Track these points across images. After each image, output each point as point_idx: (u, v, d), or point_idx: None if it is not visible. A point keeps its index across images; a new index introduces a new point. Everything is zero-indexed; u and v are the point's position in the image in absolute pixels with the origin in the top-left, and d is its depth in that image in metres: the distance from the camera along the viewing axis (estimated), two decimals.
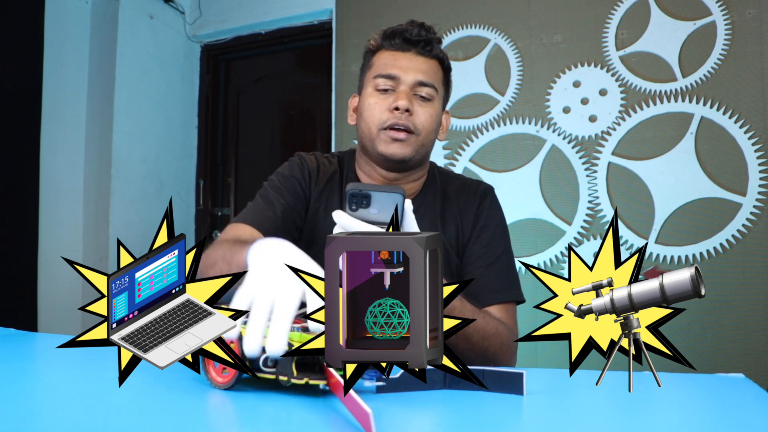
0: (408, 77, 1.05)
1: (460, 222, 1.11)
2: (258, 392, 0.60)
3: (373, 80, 1.07)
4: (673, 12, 2.27)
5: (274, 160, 2.99)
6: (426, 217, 1.10)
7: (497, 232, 1.11)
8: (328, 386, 0.57)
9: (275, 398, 0.58)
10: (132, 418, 0.52)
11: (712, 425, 0.54)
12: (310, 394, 0.58)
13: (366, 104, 1.07)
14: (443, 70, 1.11)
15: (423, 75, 1.06)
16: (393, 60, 1.07)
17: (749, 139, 2.13)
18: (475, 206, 1.12)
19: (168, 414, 0.54)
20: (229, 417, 0.55)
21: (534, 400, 0.61)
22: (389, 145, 1.04)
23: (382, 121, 1.04)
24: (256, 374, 0.58)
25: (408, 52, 1.07)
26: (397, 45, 1.07)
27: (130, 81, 2.88)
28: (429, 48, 1.07)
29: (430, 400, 0.61)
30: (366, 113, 1.07)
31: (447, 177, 1.17)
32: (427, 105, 1.06)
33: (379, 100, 1.06)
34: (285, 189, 1.09)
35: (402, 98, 1.03)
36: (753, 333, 2.07)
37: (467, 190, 1.14)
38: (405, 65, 1.06)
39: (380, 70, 1.07)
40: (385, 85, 1.05)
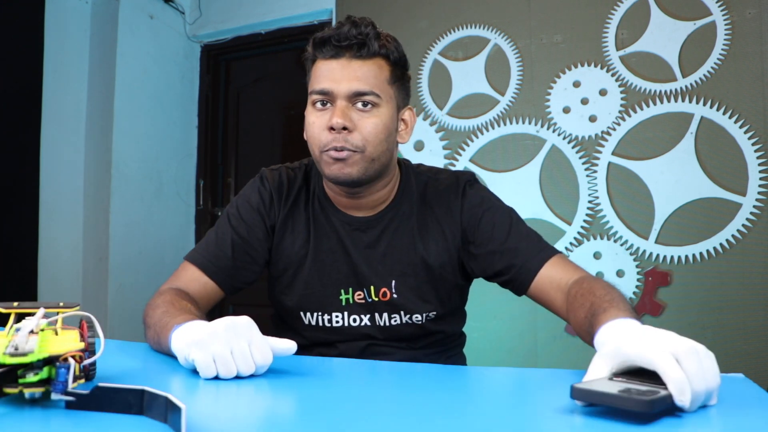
0: (342, 89, 0.94)
1: (446, 227, 1.04)
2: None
3: (311, 96, 0.98)
4: (673, 12, 2.27)
5: (274, 160, 2.99)
6: (401, 229, 1.03)
7: (496, 209, 1.04)
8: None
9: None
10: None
11: (711, 425, 0.54)
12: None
13: (307, 123, 0.99)
14: (391, 65, 0.98)
15: (359, 83, 0.94)
16: (327, 71, 0.96)
17: (749, 139, 2.13)
18: (458, 204, 1.04)
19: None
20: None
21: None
22: (333, 167, 0.95)
23: (321, 143, 0.95)
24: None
25: (342, 58, 0.95)
26: (329, 52, 0.96)
27: (130, 81, 2.88)
28: (365, 49, 0.95)
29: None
30: (308, 134, 0.99)
31: (425, 178, 1.08)
32: (370, 114, 0.96)
33: (317, 118, 0.97)
34: (243, 220, 1.04)
35: (336, 115, 0.93)
36: (753, 333, 2.07)
37: (447, 189, 1.06)
38: (338, 76, 0.95)
39: (314, 85, 0.97)
40: (321, 100, 0.96)
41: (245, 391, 0.68)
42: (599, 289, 0.82)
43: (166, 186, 3.13)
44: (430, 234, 1.04)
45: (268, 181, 1.07)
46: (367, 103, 0.95)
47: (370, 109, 0.96)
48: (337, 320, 1.04)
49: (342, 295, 1.04)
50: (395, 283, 1.03)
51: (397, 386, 0.70)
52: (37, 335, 0.55)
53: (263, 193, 1.06)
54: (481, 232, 1.02)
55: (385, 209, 1.05)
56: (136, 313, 3.31)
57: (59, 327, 0.60)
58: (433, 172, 1.10)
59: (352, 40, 0.94)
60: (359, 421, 0.55)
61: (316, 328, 1.05)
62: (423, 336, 1.07)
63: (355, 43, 0.94)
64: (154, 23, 3.06)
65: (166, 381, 0.70)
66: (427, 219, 1.05)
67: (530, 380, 0.74)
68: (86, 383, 0.60)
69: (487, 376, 0.80)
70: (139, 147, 2.96)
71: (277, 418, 0.57)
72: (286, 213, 1.05)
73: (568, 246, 2.35)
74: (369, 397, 0.64)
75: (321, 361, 0.83)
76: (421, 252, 1.03)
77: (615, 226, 2.30)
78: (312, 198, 1.07)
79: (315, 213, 1.06)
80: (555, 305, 0.95)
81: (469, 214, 1.03)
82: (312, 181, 1.08)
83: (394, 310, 1.03)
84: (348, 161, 0.95)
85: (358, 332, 1.04)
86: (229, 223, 1.04)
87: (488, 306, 2.12)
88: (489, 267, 1.02)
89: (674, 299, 2.19)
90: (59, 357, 0.53)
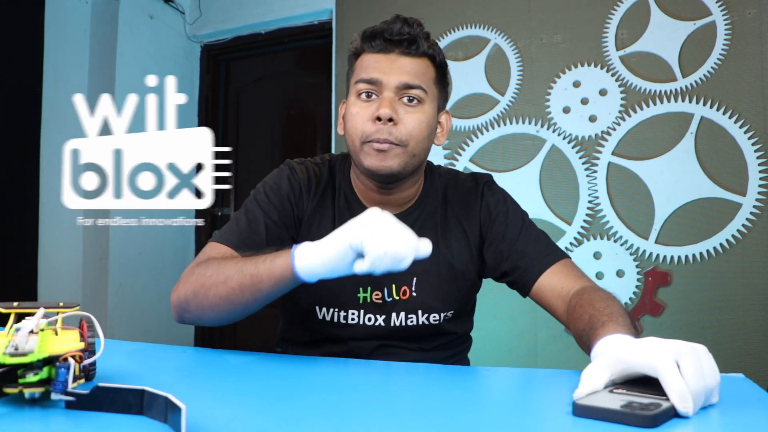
0: (391, 80, 0.95)
1: (467, 227, 1.05)
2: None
3: (356, 86, 0.98)
4: (673, 12, 2.27)
5: (274, 160, 2.99)
6: (426, 227, 1.04)
7: (510, 211, 1.05)
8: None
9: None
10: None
11: (711, 425, 0.54)
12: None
13: (349, 114, 0.98)
14: (435, 67, 1.00)
15: (408, 76, 0.96)
16: (375, 63, 0.97)
17: (749, 139, 2.13)
18: (478, 205, 1.06)
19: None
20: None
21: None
22: (373, 159, 0.95)
23: (365, 133, 0.95)
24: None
25: (391, 53, 0.97)
26: (379, 46, 0.97)
27: (130, 81, 2.88)
28: (414, 46, 0.97)
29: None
30: (349, 124, 0.98)
31: (446, 179, 1.10)
32: (416, 110, 0.96)
33: (362, 108, 0.96)
34: (273, 205, 1.02)
35: (384, 105, 0.94)
36: (753, 333, 2.07)
37: (468, 190, 1.08)
38: (387, 68, 0.96)
39: (361, 74, 0.97)
40: (367, 91, 0.96)
41: (245, 391, 0.68)
42: (599, 301, 0.82)
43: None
44: (452, 233, 1.05)
45: (297, 173, 1.06)
46: (413, 98, 0.96)
47: (415, 105, 0.96)
48: (353, 318, 1.03)
49: (360, 293, 1.03)
50: (416, 280, 1.02)
51: (397, 386, 0.70)
52: (37, 335, 0.55)
53: (293, 183, 1.04)
54: (494, 233, 1.04)
55: (411, 207, 1.05)
56: (136, 313, 3.30)
57: (59, 327, 0.60)
58: (452, 174, 1.11)
59: (403, 35, 0.96)
60: (360, 421, 0.55)
61: (329, 324, 1.04)
62: (436, 336, 1.06)
63: (406, 39, 0.96)
64: (154, 23, 3.06)
65: (166, 381, 0.70)
66: (449, 219, 1.06)
67: (531, 380, 0.74)
68: (86, 383, 0.60)
69: (487, 376, 0.80)
70: None
71: (278, 418, 0.57)
72: (314, 207, 1.04)
73: (568, 246, 2.35)
74: (370, 397, 0.64)
75: (322, 361, 0.84)
76: (443, 251, 1.03)
77: (615, 226, 2.30)
78: (338, 194, 1.06)
79: (340, 209, 1.05)
80: (556, 313, 0.96)
81: (486, 214, 1.05)
82: (337, 176, 1.08)
83: (412, 309, 1.03)
84: (389, 153, 0.94)
85: (371, 332, 1.03)
86: (260, 208, 1.02)
87: (488, 306, 2.12)
88: (497, 267, 1.03)
89: (674, 299, 2.19)
90: (59, 357, 0.53)
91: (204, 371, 0.74)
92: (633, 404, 0.53)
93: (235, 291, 0.83)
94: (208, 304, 0.86)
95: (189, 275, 0.91)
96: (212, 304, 0.85)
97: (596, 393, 0.57)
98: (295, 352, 1.06)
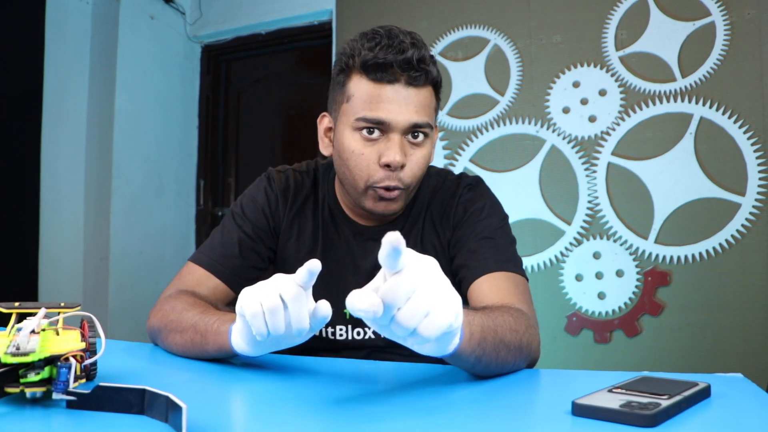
0: (400, 121, 0.85)
1: (441, 233, 0.99)
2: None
3: (355, 122, 0.87)
4: (672, 12, 2.27)
5: (274, 161, 2.99)
6: (408, 238, 0.98)
7: (486, 211, 0.97)
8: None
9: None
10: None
11: (710, 425, 0.54)
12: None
13: (349, 151, 0.89)
14: (435, 91, 0.91)
15: (417, 115, 0.86)
16: (377, 95, 0.86)
17: (748, 140, 2.13)
18: (453, 206, 0.99)
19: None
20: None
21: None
22: (377, 203, 0.90)
23: (372, 179, 0.88)
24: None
25: (396, 84, 0.85)
26: (385, 78, 0.85)
27: (131, 81, 2.88)
28: (421, 76, 0.86)
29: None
30: (351, 163, 0.89)
31: (435, 181, 1.04)
32: (421, 146, 0.89)
33: (365, 148, 0.88)
34: (248, 219, 1.00)
35: (395, 151, 0.85)
36: (752, 333, 2.07)
37: (448, 194, 1.01)
38: (394, 107, 0.85)
39: (363, 110, 0.86)
40: (369, 128, 0.87)
41: (245, 391, 0.69)
42: (499, 314, 0.75)
43: (167, 186, 3.13)
44: (428, 242, 1.00)
45: (275, 182, 1.02)
46: (418, 134, 0.89)
47: (420, 141, 0.89)
48: (341, 333, 1.01)
49: (346, 309, 1.02)
50: None
51: (396, 386, 0.70)
52: (38, 335, 0.55)
53: (269, 194, 1.02)
54: (462, 230, 0.98)
55: (397, 218, 1.01)
56: (137, 312, 3.31)
57: (60, 327, 0.61)
58: (442, 175, 1.05)
59: (410, 65, 0.84)
60: (359, 421, 0.55)
61: (320, 339, 1.02)
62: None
63: (414, 67, 0.85)
64: (154, 24, 3.06)
65: (166, 381, 0.70)
66: (426, 227, 1.01)
67: (530, 380, 0.74)
68: (87, 383, 0.60)
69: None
70: (140, 147, 2.96)
71: (278, 418, 0.57)
72: (291, 218, 1.01)
73: (567, 246, 2.35)
74: (369, 396, 0.64)
75: (321, 361, 0.84)
76: None
77: (615, 226, 2.30)
78: (321, 205, 1.03)
79: (324, 221, 1.02)
80: None
81: (462, 212, 0.99)
82: (320, 187, 1.04)
83: None
84: (396, 200, 0.90)
85: (361, 344, 1.02)
86: (235, 222, 1.01)
87: None
88: (453, 262, 0.98)
89: (674, 299, 2.19)
90: (60, 357, 0.53)
91: (204, 371, 0.75)
92: (632, 404, 0.54)
93: (187, 345, 0.81)
94: (169, 345, 0.85)
95: (160, 307, 0.90)
96: (172, 347, 0.84)
97: (596, 393, 0.58)
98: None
